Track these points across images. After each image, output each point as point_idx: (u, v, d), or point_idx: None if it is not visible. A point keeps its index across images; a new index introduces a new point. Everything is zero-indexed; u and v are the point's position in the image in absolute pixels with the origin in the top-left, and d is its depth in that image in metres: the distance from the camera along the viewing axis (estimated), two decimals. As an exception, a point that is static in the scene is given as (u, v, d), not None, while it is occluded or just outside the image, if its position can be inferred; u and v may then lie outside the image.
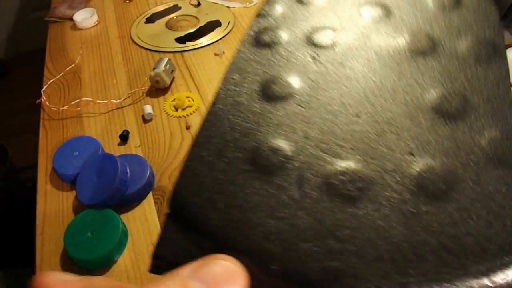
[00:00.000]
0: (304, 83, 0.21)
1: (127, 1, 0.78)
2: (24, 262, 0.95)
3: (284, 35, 0.25)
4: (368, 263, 0.14)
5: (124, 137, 0.50)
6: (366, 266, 0.14)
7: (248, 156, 0.18)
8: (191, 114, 0.53)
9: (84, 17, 0.71)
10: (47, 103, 0.56)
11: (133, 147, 0.50)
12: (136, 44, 0.66)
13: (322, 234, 0.15)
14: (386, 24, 0.24)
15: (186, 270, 0.13)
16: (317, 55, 0.22)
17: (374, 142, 0.17)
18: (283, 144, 0.18)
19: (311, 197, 0.16)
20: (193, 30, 0.69)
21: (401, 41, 0.22)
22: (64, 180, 0.46)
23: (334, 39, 0.23)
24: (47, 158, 0.49)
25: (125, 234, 0.40)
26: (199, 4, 0.75)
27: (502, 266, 0.14)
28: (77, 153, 0.46)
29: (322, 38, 0.24)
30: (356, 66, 0.21)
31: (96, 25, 0.72)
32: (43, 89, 0.59)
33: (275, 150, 0.18)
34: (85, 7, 0.75)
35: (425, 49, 0.21)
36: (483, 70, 0.19)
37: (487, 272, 0.14)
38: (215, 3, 0.75)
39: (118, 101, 0.55)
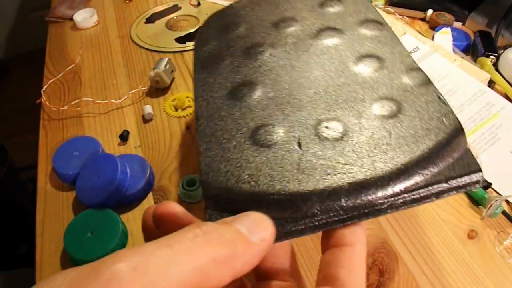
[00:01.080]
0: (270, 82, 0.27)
1: (127, 1, 0.78)
2: (24, 262, 0.94)
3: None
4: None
5: (124, 137, 0.50)
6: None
7: (249, 138, 0.23)
8: (191, 114, 0.53)
9: (84, 17, 0.71)
10: (47, 103, 0.56)
11: (133, 147, 0.50)
12: (136, 44, 0.66)
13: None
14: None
15: (229, 218, 0.18)
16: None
17: (337, 102, 0.24)
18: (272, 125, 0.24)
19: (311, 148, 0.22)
20: (193, 30, 0.69)
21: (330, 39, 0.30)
22: (64, 180, 0.46)
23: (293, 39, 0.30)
24: (47, 158, 0.49)
25: (125, 234, 0.40)
26: (199, 4, 0.75)
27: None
28: (77, 153, 0.46)
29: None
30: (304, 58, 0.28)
31: (96, 25, 0.72)
32: (43, 89, 0.59)
33: (269, 130, 0.23)
34: (85, 7, 0.75)
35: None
36: (381, 34, 0.29)
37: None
38: (215, 3, 0.75)
39: (118, 101, 0.55)
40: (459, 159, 0.20)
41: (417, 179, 0.19)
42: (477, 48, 0.58)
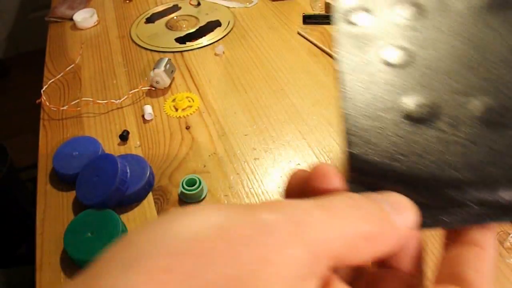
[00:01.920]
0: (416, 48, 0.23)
1: (127, 1, 0.78)
2: (25, 262, 0.95)
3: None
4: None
5: (124, 137, 0.50)
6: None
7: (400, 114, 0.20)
8: (191, 114, 0.53)
9: (84, 17, 0.71)
10: (47, 103, 0.56)
11: (133, 147, 0.50)
12: (136, 44, 0.66)
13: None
14: None
15: (374, 195, 0.16)
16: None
17: (499, 79, 0.20)
18: (420, 98, 0.21)
19: (462, 131, 0.19)
20: (193, 30, 0.69)
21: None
22: (64, 180, 0.46)
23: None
24: (47, 158, 0.49)
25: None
26: (199, 4, 0.75)
27: None
28: (77, 153, 0.46)
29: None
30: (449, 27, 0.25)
31: (96, 25, 0.72)
32: (43, 89, 0.59)
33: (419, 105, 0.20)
34: (85, 7, 0.75)
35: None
36: None
37: None
38: (215, 3, 0.75)
39: (118, 101, 0.55)
40: None
41: None
42: (477, 48, 0.58)
